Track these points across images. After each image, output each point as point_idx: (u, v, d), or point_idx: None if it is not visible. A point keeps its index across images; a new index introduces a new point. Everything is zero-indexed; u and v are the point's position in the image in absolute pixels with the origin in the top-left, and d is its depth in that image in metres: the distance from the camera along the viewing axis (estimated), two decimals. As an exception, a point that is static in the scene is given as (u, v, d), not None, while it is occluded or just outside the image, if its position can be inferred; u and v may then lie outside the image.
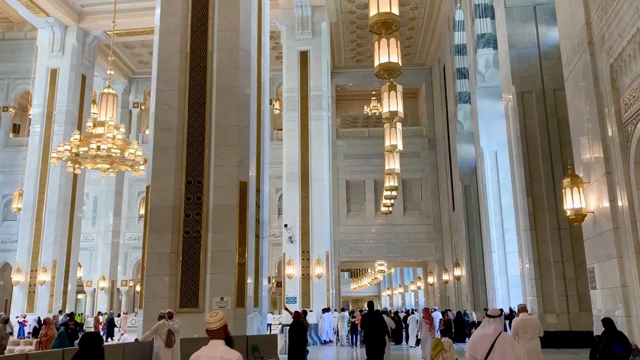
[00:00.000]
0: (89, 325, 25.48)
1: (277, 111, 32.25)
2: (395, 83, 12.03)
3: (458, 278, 27.05)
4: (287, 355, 12.02)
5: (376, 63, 10.08)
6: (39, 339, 14.56)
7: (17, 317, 22.47)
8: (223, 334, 3.44)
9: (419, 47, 31.63)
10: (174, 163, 12.90)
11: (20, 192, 24.69)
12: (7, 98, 31.06)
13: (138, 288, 30.03)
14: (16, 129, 33.58)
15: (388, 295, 56.10)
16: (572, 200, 10.99)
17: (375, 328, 11.10)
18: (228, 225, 12.47)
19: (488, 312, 5.13)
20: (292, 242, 23.21)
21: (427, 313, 13.87)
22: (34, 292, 23.90)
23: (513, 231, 18.57)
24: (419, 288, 42.69)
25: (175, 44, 13.51)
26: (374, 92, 32.74)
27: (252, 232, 12.95)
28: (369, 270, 49.32)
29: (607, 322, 8.11)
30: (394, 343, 18.29)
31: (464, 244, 25.13)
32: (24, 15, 25.87)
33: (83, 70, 26.80)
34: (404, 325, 22.09)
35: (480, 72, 22.09)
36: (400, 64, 10.20)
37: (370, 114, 34.77)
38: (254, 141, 13.74)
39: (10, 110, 31.15)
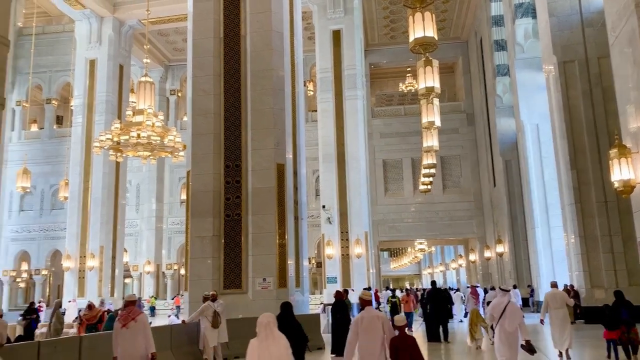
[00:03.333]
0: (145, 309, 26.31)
1: (311, 92, 32.13)
2: (431, 58, 11.76)
3: (500, 255, 26.65)
4: (330, 334, 12.13)
5: (411, 38, 9.88)
6: (80, 320, 15.04)
7: (70, 301, 23.38)
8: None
9: (454, 21, 30.85)
10: (213, 148, 13.07)
11: (66, 181, 25.50)
12: (50, 90, 31.94)
13: (182, 271, 30.80)
14: (59, 121, 34.56)
15: (429, 273, 55.81)
16: (619, 172, 10.61)
17: (440, 304, 13.17)
18: (267, 208, 12.60)
19: (501, 287, 7.84)
20: (330, 222, 23.28)
21: (474, 289, 14.64)
22: (83, 278, 24.79)
23: (557, 206, 18.11)
24: (460, 266, 42.30)
25: (208, 29, 13.57)
26: (409, 69, 32.18)
27: (291, 214, 13.05)
28: (409, 249, 49.09)
29: (617, 294, 9.56)
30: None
31: (506, 220, 24.68)
32: (62, 8, 26.44)
33: (120, 60, 27.28)
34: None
35: (519, 43, 21.42)
36: (436, 38, 9.96)
37: (405, 91, 34.24)
38: (290, 123, 13.76)
39: (53, 102, 32.05)
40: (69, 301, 23.29)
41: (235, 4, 13.61)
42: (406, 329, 5.89)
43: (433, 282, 15.69)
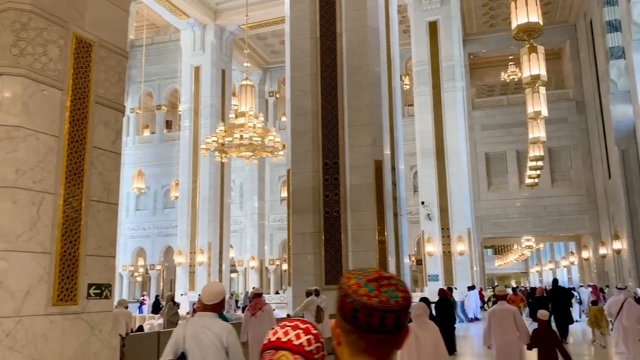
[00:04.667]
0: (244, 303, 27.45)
1: (407, 87, 31.65)
2: (535, 44, 11.15)
3: (618, 252, 24.63)
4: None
5: (513, 25, 9.43)
6: (193, 311, 15.92)
7: (182, 294, 24.91)
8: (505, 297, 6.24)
9: (559, 3, 28.92)
10: (311, 146, 13.29)
11: (176, 182, 27.20)
12: (159, 97, 34.19)
13: (284, 266, 31.65)
14: (169, 125, 36.89)
15: (537, 271, 52.96)
16: None
17: (562, 301, 13.07)
18: (366, 204, 12.60)
19: (618, 286, 8.56)
20: (430, 219, 22.81)
21: (595, 289, 14.35)
22: (193, 272, 26.30)
23: (685, 198, 16.40)
24: (571, 263, 39.68)
25: (305, 30, 13.80)
26: (511, 57, 30.66)
27: (390, 210, 12.95)
28: (515, 247, 46.87)
29: None
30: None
31: (624, 214, 22.75)
32: (168, 19, 28.18)
33: (222, 65, 28.56)
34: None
35: (636, 23, 19.59)
36: (541, 23, 9.41)
37: (508, 81, 32.68)
38: (387, 119, 13.66)
39: (163, 108, 34.27)
40: (181, 294, 24.81)
41: (330, 3, 13.73)
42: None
43: (555, 280, 15.34)
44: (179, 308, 19.40)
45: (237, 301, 27.27)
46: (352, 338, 1.18)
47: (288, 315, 11.28)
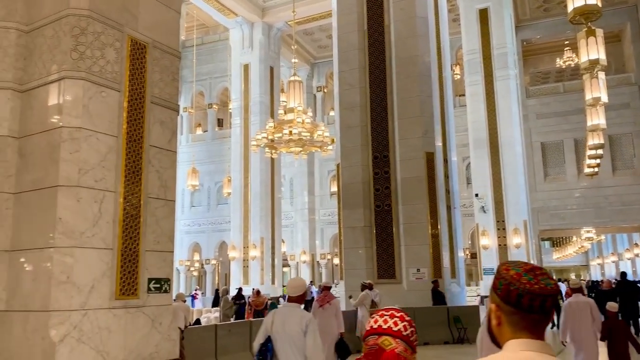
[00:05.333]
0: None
1: (458, 76, 30.96)
2: (593, 27, 10.65)
3: (687, 244, 23.31)
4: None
5: (570, 8, 9.04)
6: (249, 305, 16.21)
7: (237, 288, 25.37)
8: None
9: (619, -18, 27.53)
10: (360, 140, 13.23)
11: (229, 178, 27.73)
12: (210, 96, 34.88)
13: (335, 261, 31.75)
14: (220, 123, 37.60)
15: (598, 264, 50.87)
16: None
17: (631, 295, 12.70)
18: (417, 197, 12.44)
19: None
20: (484, 211, 22.29)
21: None
22: (247, 267, 26.76)
23: None
24: (636, 255, 37.88)
25: (352, 23, 13.73)
26: (566, 42, 29.47)
27: (443, 203, 12.75)
28: (574, 238, 45.15)
29: None
30: None
31: (694, 204, 21.50)
32: (217, 18, 28.67)
33: (270, 62, 28.82)
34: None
35: None
36: (599, 5, 8.98)
37: (564, 67, 31.42)
38: (438, 110, 13.42)
39: (214, 106, 34.95)
40: (236, 288, 25.30)
41: (377, -6, 13.61)
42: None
43: (623, 274, 14.97)
44: (234, 302, 19.81)
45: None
46: (514, 319, 1.41)
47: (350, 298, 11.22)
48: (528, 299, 1.38)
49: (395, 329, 1.63)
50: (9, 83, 5.49)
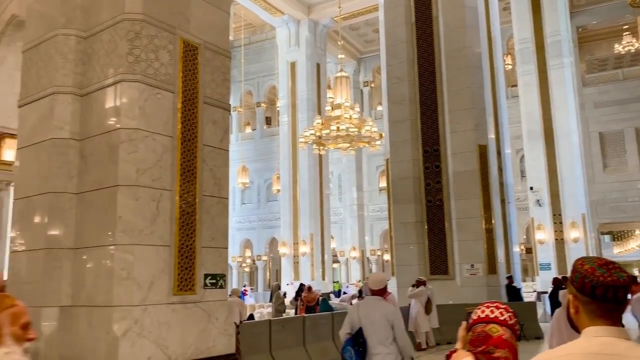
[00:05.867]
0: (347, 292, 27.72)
1: (509, 66, 30.07)
2: (658, 9, 10.08)
3: None
4: (547, 323, 11.26)
5: (632, -11, 8.56)
6: (301, 301, 16.32)
7: (287, 284, 25.66)
8: None
9: (683, -39, 25.97)
10: (410, 134, 13.06)
11: (278, 175, 28.01)
12: (258, 95, 35.31)
13: (385, 257, 31.55)
14: (268, 121, 38.01)
15: (663, 259, 48.33)
16: None
17: None
18: (470, 192, 12.19)
19: None
20: (540, 205, 21.58)
21: None
22: (297, 263, 26.97)
23: None
24: None
25: (399, 16, 13.56)
26: (625, 27, 28.06)
27: (497, 197, 12.43)
28: (637, 232, 43.08)
29: None
30: None
31: None
32: (264, 17, 28.96)
33: (317, 59, 28.87)
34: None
35: None
36: (665, -16, 8.48)
37: (623, 53, 29.89)
38: (490, 102, 13.09)
39: (262, 105, 35.36)
40: (287, 284, 25.56)
41: (424, -15, 13.38)
42: None
43: None
44: (285, 297, 20.03)
45: (339, 291, 27.64)
46: (591, 308, 1.54)
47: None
48: (602, 290, 1.52)
49: (501, 318, 1.81)
50: (69, 88, 5.73)
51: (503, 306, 1.85)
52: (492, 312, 1.82)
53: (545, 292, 15.57)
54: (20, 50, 6.38)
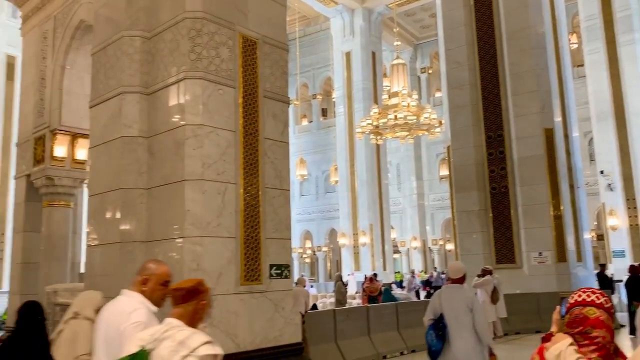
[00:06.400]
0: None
1: (575, 45, 28.65)
2: None
3: None
4: (626, 313, 10.74)
5: None
6: (363, 291, 16.38)
7: (349, 274, 25.72)
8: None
9: None
10: (471, 120, 12.73)
11: (335, 166, 28.05)
12: (314, 86, 35.43)
13: (447, 246, 31.03)
14: (324, 113, 38.07)
15: None
16: None
17: None
18: (537, 177, 11.75)
19: None
20: (611, 189, 20.52)
21: None
22: (357, 253, 26.96)
23: None
24: None
25: (457, -1, 13.20)
26: None
27: (565, 182, 11.93)
28: None
29: None
30: None
31: None
32: (318, 8, 28.94)
33: (372, 48, 28.58)
34: None
35: None
36: None
37: (701, 24, 27.87)
38: (555, 83, 12.54)
39: (318, 97, 35.46)
40: (348, 274, 25.62)
41: (483, -35, 12.93)
42: None
43: None
44: (347, 287, 20.10)
45: (400, 281, 27.43)
46: None
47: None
48: None
49: (598, 301, 1.91)
50: (136, 87, 5.95)
51: (598, 291, 1.96)
52: (588, 296, 1.92)
53: (620, 281, 14.84)
54: (89, 53, 6.68)
